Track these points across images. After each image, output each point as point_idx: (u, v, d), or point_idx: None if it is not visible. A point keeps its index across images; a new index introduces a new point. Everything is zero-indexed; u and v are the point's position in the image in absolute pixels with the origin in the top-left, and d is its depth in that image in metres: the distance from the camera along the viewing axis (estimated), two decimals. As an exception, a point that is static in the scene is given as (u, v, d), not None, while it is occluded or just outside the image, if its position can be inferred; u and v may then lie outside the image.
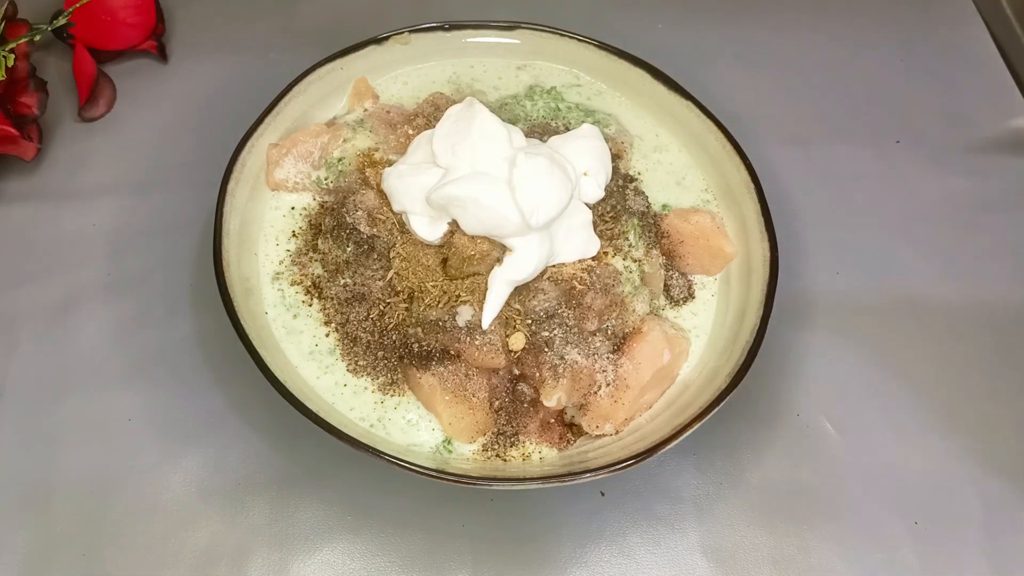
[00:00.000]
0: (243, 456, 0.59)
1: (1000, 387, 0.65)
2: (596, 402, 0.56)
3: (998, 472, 0.61)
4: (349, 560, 0.56)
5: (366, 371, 0.57)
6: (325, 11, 0.81)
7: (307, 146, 0.63)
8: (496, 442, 0.57)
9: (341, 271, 0.59)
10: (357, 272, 0.58)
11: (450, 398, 0.56)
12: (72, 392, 0.60)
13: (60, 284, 0.65)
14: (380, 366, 0.57)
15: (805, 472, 0.60)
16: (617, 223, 0.60)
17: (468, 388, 0.56)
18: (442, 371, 0.56)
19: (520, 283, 0.56)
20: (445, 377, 0.56)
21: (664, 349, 0.57)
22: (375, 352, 0.57)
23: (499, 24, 0.69)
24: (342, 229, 0.59)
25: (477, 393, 0.56)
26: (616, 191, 0.62)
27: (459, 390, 0.56)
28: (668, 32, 0.81)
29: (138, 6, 0.74)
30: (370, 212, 0.59)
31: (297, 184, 0.63)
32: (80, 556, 0.55)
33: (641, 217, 0.62)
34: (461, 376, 0.56)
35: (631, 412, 0.57)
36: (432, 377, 0.56)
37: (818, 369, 0.64)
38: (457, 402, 0.56)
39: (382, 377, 0.57)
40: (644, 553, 0.57)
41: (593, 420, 0.57)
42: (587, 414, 0.57)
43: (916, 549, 0.58)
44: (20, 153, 0.68)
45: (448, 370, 0.56)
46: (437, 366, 0.56)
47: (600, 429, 0.57)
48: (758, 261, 0.61)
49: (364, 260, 0.58)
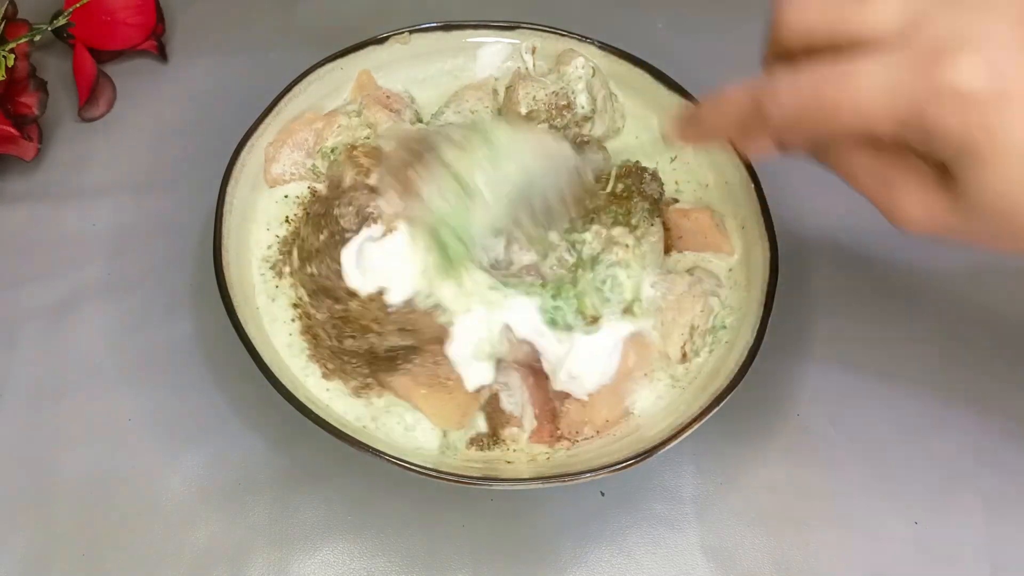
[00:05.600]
0: (243, 456, 0.59)
1: (1000, 387, 0.65)
2: (565, 411, 0.57)
3: (998, 472, 0.61)
4: (349, 560, 0.56)
5: (336, 375, 0.57)
6: (325, 11, 0.81)
7: (302, 135, 0.63)
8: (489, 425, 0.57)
9: (311, 258, 0.58)
10: (323, 263, 0.57)
11: (426, 391, 0.56)
12: (72, 392, 0.60)
13: (60, 284, 0.65)
14: (349, 370, 0.57)
15: (805, 472, 0.60)
16: (628, 201, 0.60)
17: (440, 374, 0.56)
18: (409, 367, 0.56)
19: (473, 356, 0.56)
20: (415, 373, 0.56)
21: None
22: (340, 357, 0.57)
23: (499, 24, 0.69)
24: (324, 217, 0.59)
25: (450, 376, 0.56)
26: (635, 172, 0.62)
27: (432, 379, 0.56)
28: (668, 32, 0.81)
29: (138, 6, 0.74)
30: (358, 211, 0.58)
31: (293, 175, 0.63)
32: (80, 556, 0.55)
33: (653, 203, 0.62)
34: (430, 365, 0.56)
35: (611, 413, 0.57)
36: (404, 377, 0.56)
37: (818, 370, 0.64)
38: (434, 392, 0.56)
39: (354, 381, 0.57)
40: (644, 553, 0.57)
41: (571, 427, 0.57)
42: (563, 421, 0.57)
43: (916, 549, 0.58)
44: (20, 153, 0.68)
45: (415, 364, 0.56)
46: (403, 364, 0.56)
47: (581, 434, 0.57)
48: (758, 261, 0.61)
49: (333, 252, 0.57)
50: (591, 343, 0.56)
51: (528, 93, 0.66)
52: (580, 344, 0.56)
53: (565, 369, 0.55)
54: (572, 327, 0.56)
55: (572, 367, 0.56)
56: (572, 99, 0.66)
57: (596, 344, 0.56)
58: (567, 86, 0.66)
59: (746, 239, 0.63)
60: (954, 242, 0.41)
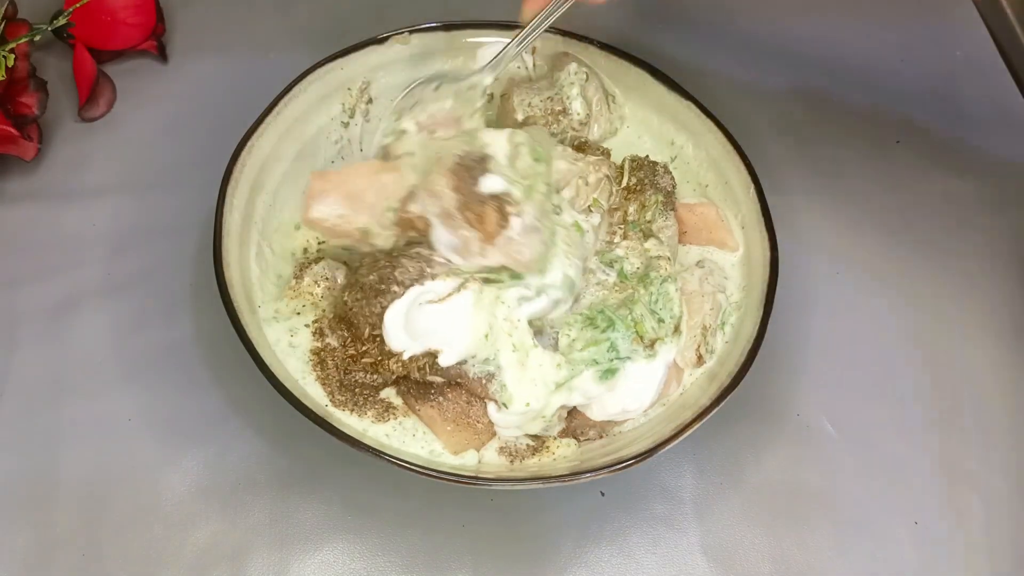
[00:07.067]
0: (243, 456, 0.59)
1: (1000, 387, 0.65)
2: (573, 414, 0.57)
3: (998, 472, 0.61)
4: (349, 560, 0.56)
5: (347, 406, 0.56)
6: (325, 11, 0.81)
7: (359, 186, 0.56)
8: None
9: (353, 288, 0.56)
10: (360, 301, 0.55)
11: (452, 428, 0.56)
12: (72, 392, 0.60)
13: (60, 284, 0.65)
14: (361, 402, 0.56)
15: (805, 472, 0.60)
16: (642, 194, 0.60)
17: (471, 415, 0.56)
18: (441, 400, 0.56)
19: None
20: (445, 407, 0.55)
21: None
22: (351, 389, 0.56)
23: (499, 24, 0.69)
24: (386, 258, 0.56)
25: (481, 419, 0.55)
26: (647, 165, 0.62)
27: (461, 418, 0.55)
28: (668, 32, 0.81)
29: (138, 6, 0.74)
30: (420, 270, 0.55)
31: (336, 227, 0.57)
32: (80, 556, 0.55)
33: (666, 196, 0.62)
34: (463, 404, 0.55)
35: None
36: (431, 409, 0.56)
37: (818, 369, 0.64)
38: (459, 430, 0.56)
39: (371, 411, 0.56)
40: (644, 553, 0.57)
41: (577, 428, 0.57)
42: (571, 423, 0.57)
43: (916, 549, 0.58)
44: (20, 153, 0.68)
45: (448, 398, 0.56)
46: (436, 396, 0.56)
47: (584, 435, 0.57)
48: (758, 261, 0.61)
49: (371, 298, 0.55)
50: (641, 373, 0.55)
51: (524, 100, 0.66)
52: (631, 378, 0.55)
53: (619, 407, 0.55)
54: (630, 358, 0.55)
55: (627, 403, 0.55)
56: (567, 104, 0.66)
57: (646, 372, 0.56)
58: (560, 92, 0.66)
59: (746, 239, 0.63)
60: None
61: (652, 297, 0.57)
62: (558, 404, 0.54)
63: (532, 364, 0.54)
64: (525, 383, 0.54)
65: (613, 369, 0.55)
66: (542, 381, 0.54)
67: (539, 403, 0.54)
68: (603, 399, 0.55)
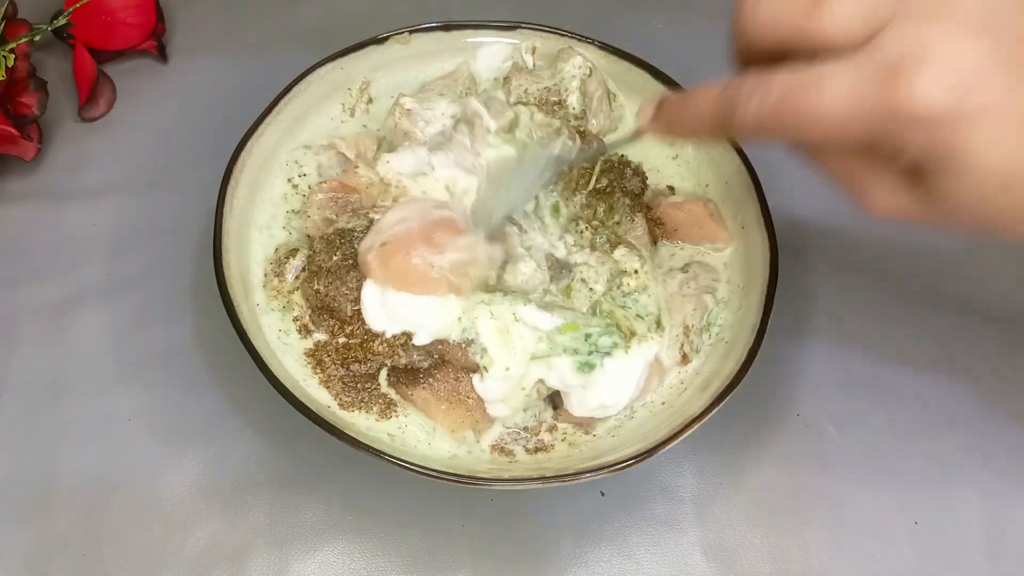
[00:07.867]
0: (243, 456, 0.59)
1: (1000, 387, 0.65)
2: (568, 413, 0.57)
3: (998, 472, 0.61)
4: (349, 560, 0.56)
5: (354, 407, 0.57)
6: (325, 11, 0.81)
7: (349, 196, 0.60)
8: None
9: (319, 275, 0.57)
10: (332, 284, 0.57)
11: (446, 407, 0.56)
12: (72, 392, 0.60)
13: (60, 284, 0.65)
14: (366, 397, 0.57)
15: (805, 472, 0.60)
16: (611, 196, 0.60)
17: (460, 391, 0.56)
18: (431, 382, 0.56)
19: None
20: (436, 388, 0.56)
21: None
22: (354, 387, 0.57)
23: (499, 24, 0.69)
24: (341, 237, 0.58)
25: (471, 394, 0.56)
26: (616, 167, 0.62)
27: (453, 395, 0.56)
28: (668, 32, 0.81)
29: (138, 6, 0.74)
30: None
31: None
32: (80, 556, 0.55)
33: (633, 198, 0.62)
34: (451, 381, 0.56)
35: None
36: (424, 391, 0.56)
37: (818, 369, 0.64)
38: (453, 408, 0.56)
39: (376, 407, 0.57)
40: (644, 553, 0.57)
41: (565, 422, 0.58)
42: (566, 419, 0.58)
43: (916, 549, 0.58)
44: (20, 153, 0.68)
45: (437, 379, 0.56)
46: (426, 378, 0.56)
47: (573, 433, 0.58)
48: (758, 261, 0.61)
49: (344, 276, 0.57)
50: (620, 368, 0.56)
51: (520, 85, 0.66)
52: (610, 373, 0.56)
53: (596, 401, 0.56)
54: (608, 352, 0.56)
55: (604, 398, 0.56)
56: (564, 97, 0.66)
57: (625, 368, 0.56)
58: (561, 83, 0.66)
59: (746, 239, 0.63)
60: (922, 226, 0.42)
61: (618, 303, 0.58)
62: (537, 376, 0.55)
63: (514, 334, 0.55)
64: (506, 349, 0.55)
65: (591, 364, 0.55)
66: (522, 349, 0.55)
67: (519, 369, 0.55)
68: (582, 394, 0.56)
